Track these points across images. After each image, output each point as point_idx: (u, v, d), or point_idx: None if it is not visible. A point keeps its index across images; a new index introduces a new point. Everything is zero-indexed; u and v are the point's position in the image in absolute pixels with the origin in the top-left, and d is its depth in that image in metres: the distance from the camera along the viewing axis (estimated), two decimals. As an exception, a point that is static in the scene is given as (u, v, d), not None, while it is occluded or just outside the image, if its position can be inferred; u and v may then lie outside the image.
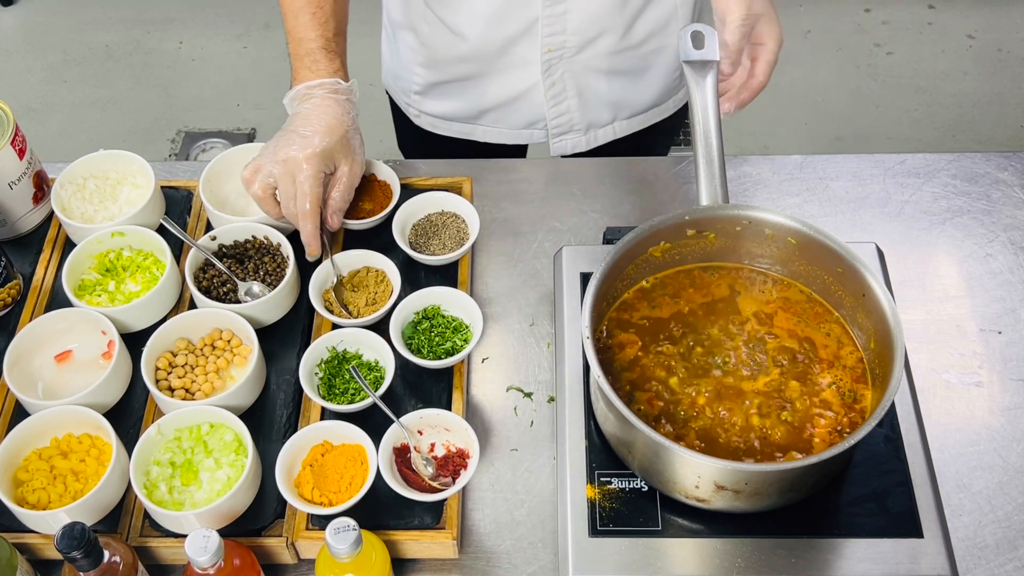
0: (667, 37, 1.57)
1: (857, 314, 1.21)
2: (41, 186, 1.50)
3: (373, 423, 1.25)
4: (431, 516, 1.20)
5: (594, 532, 1.16)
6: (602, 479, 1.20)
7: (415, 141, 1.80)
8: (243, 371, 1.30)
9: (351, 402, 1.28)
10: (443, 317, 1.36)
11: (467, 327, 1.36)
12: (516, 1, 1.46)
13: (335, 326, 1.36)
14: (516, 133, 1.66)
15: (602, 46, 1.53)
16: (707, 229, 1.27)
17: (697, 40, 1.29)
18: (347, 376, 1.31)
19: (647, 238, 1.25)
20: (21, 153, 1.46)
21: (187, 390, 1.30)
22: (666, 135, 1.80)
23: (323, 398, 1.28)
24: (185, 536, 1.11)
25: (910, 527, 1.15)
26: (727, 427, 1.17)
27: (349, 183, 1.37)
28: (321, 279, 1.39)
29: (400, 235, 1.43)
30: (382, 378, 1.30)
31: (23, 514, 1.17)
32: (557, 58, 1.53)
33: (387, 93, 1.79)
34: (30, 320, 1.37)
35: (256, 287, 1.39)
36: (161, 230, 1.43)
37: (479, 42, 1.53)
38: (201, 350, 1.34)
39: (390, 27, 1.67)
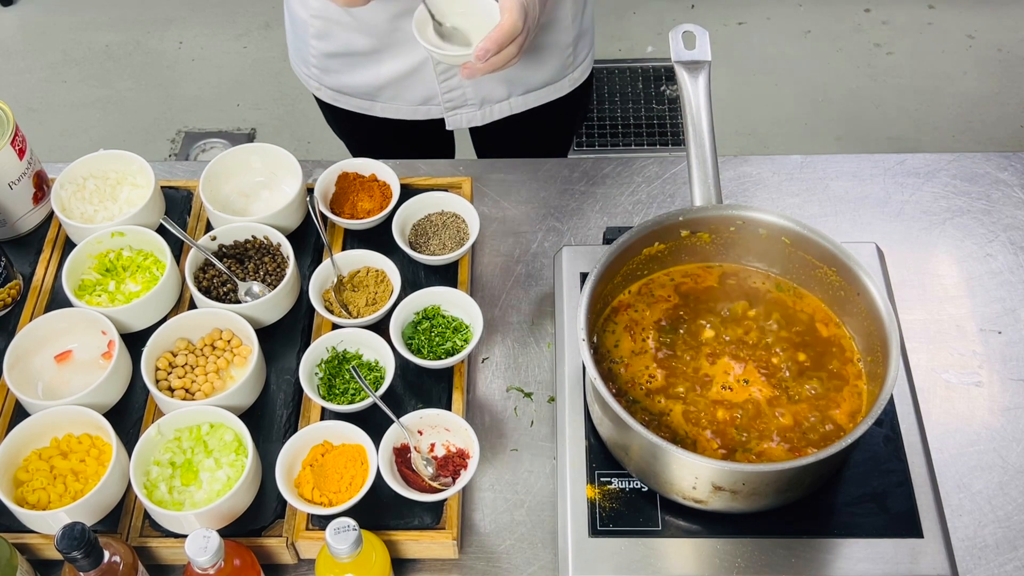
0: (557, 12, 1.58)
1: (853, 313, 1.21)
2: (41, 186, 1.50)
3: (373, 423, 1.25)
4: (431, 516, 1.20)
5: (594, 532, 1.16)
6: (602, 479, 1.20)
7: (340, 125, 1.84)
8: (243, 371, 1.30)
9: (351, 402, 1.28)
10: (443, 317, 1.37)
11: (467, 327, 1.36)
12: None
13: (335, 326, 1.36)
14: (413, 109, 1.68)
15: None
16: (701, 229, 1.27)
17: (688, 40, 1.29)
18: (347, 376, 1.31)
19: (641, 239, 1.25)
20: (21, 153, 1.46)
21: (187, 390, 1.30)
22: (569, 115, 1.81)
23: (323, 398, 1.28)
24: (185, 536, 1.11)
25: (910, 527, 1.15)
26: (726, 425, 1.17)
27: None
28: (321, 279, 1.39)
29: (400, 235, 1.43)
30: (382, 378, 1.30)
31: (23, 514, 1.17)
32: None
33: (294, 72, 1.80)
34: (30, 320, 1.37)
35: (256, 287, 1.39)
36: (161, 230, 1.43)
37: (366, 17, 1.54)
38: (201, 350, 1.34)
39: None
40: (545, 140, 1.85)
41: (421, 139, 1.78)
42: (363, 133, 1.80)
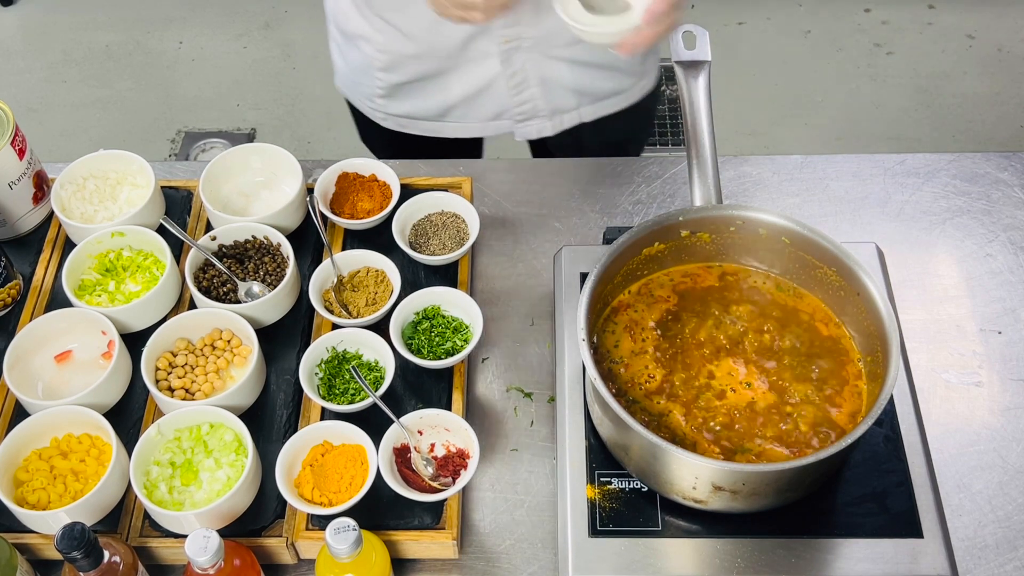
0: None
1: (853, 312, 1.21)
2: (41, 186, 1.50)
3: (373, 423, 1.25)
4: (431, 516, 1.20)
5: (594, 532, 1.16)
6: (602, 479, 1.20)
7: (382, 142, 1.81)
8: (243, 371, 1.30)
9: (351, 402, 1.28)
10: (443, 317, 1.37)
11: (467, 327, 1.36)
12: None
13: (335, 326, 1.36)
14: (483, 125, 1.67)
15: (560, 36, 1.52)
16: (701, 229, 1.27)
17: (688, 40, 1.29)
18: (347, 376, 1.31)
19: (641, 239, 1.25)
20: (21, 153, 1.46)
21: (187, 390, 1.30)
22: (636, 123, 1.80)
23: (323, 398, 1.28)
24: (185, 536, 1.11)
25: (910, 527, 1.15)
26: (725, 425, 1.17)
27: None
28: (321, 279, 1.39)
29: (400, 235, 1.43)
30: (382, 378, 1.30)
31: (23, 514, 1.17)
32: (515, 48, 1.52)
33: (346, 100, 1.78)
34: (30, 320, 1.37)
35: (256, 287, 1.39)
36: (161, 230, 1.43)
37: (433, 42, 1.53)
38: (201, 350, 1.34)
39: (340, 37, 1.66)
40: (610, 149, 1.79)
41: (470, 148, 1.76)
42: (414, 151, 1.73)
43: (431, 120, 1.67)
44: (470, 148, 1.80)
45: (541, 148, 1.82)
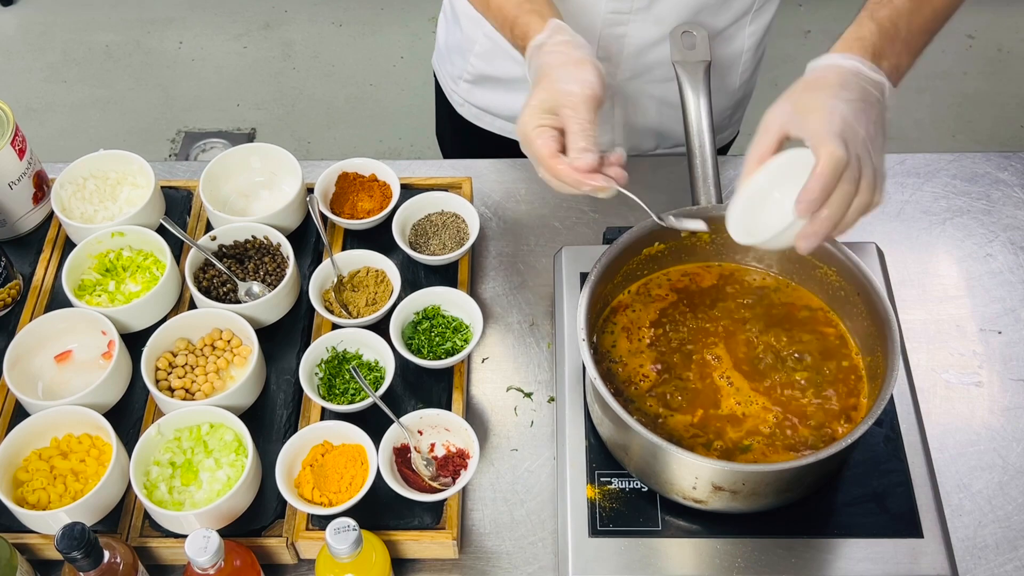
0: (726, 77, 1.54)
1: (853, 312, 1.21)
2: (41, 186, 1.50)
3: (373, 423, 1.25)
4: (431, 516, 1.20)
5: (594, 532, 1.16)
6: (602, 479, 1.20)
7: (452, 131, 1.79)
8: (243, 371, 1.30)
9: (351, 402, 1.28)
10: (443, 317, 1.37)
11: (467, 327, 1.36)
12: (581, 20, 1.41)
13: (335, 326, 1.36)
14: None
15: (657, 73, 1.50)
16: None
17: (688, 40, 1.29)
18: (347, 376, 1.31)
19: (641, 239, 1.25)
20: (21, 153, 1.46)
21: (187, 390, 1.30)
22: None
23: (323, 398, 1.28)
24: (185, 536, 1.11)
25: (910, 527, 1.15)
26: (724, 426, 1.17)
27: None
28: (321, 279, 1.39)
29: (400, 235, 1.43)
30: (382, 378, 1.30)
31: (23, 514, 1.17)
32: (609, 77, 1.47)
33: (434, 76, 1.77)
34: (30, 320, 1.37)
35: (256, 287, 1.39)
36: (161, 230, 1.43)
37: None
38: (201, 350, 1.34)
39: (451, 12, 1.64)
40: None
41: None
42: (481, 149, 1.70)
43: (506, 119, 1.66)
44: None
45: None
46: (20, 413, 1.29)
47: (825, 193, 0.99)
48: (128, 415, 1.31)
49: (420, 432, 1.26)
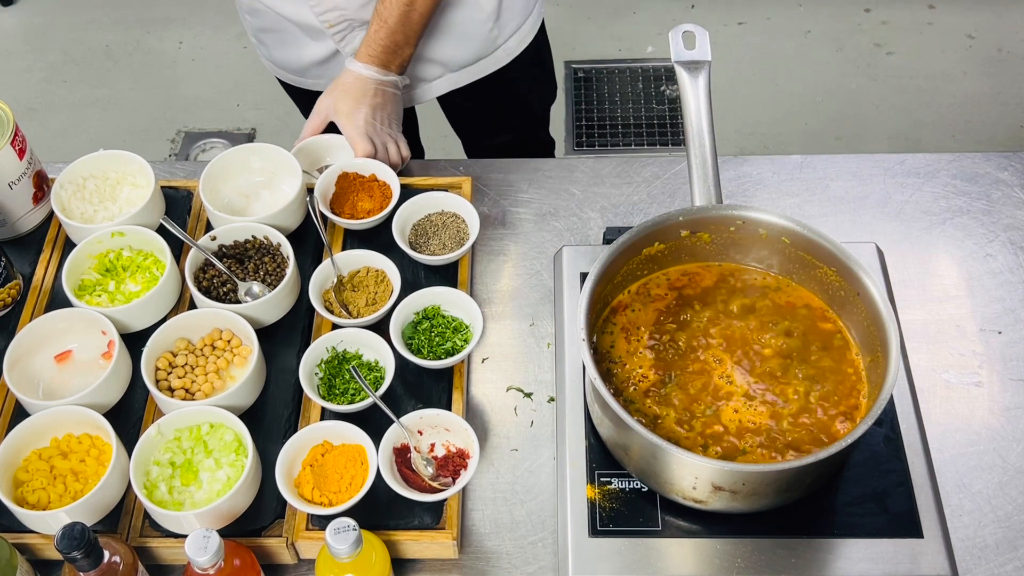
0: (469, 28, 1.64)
1: (853, 312, 1.21)
2: (41, 186, 1.50)
3: (373, 423, 1.25)
4: (431, 516, 1.20)
5: (594, 532, 1.16)
6: (602, 479, 1.20)
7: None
8: (243, 371, 1.30)
9: (351, 402, 1.28)
10: (443, 317, 1.36)
11: (467, 327, 1.36)
12: None
13: (335, 326, 1.36)
14: None
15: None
16: (701, 229, 1.27)
17: (688, 40, 1.29)
18: (347, 376, 1.31)
19: (641, 239, 1.25)
20: (21, 153, 1.46)
21: (187, 390, 1.30)
22: (524, 85, 1.84)
23: (323, 398, 1.28)
24: (185, 536, 1.11)
25: (910, 527, 1.15)
26: (724, 426, 1.17)
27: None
28: (321, 279, 1.39)
29: (400, 235, 1.43)
30: (382, 378, 1.30)
31: (23, 514, 1.17)
32: (347, 28, 1.59)
33: None
34: (30, 320, 1.37)
35: (256, 287, 1.39)
36: (161, 230, 1.43)
37: (273, 7, 1.61)
38: (201, 350, 1.34)
39: None
40: (515, 115, 1.88)
41: None
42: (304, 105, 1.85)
43: (293, 73, 1.76)
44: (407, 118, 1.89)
45: (458, 123, 1.93)
46: (20, 413, 1.29)
47: None
48: (128, 415, 1.31)
49: (420, 432, 1.26)
